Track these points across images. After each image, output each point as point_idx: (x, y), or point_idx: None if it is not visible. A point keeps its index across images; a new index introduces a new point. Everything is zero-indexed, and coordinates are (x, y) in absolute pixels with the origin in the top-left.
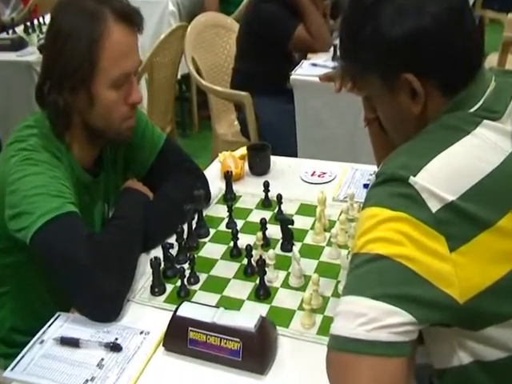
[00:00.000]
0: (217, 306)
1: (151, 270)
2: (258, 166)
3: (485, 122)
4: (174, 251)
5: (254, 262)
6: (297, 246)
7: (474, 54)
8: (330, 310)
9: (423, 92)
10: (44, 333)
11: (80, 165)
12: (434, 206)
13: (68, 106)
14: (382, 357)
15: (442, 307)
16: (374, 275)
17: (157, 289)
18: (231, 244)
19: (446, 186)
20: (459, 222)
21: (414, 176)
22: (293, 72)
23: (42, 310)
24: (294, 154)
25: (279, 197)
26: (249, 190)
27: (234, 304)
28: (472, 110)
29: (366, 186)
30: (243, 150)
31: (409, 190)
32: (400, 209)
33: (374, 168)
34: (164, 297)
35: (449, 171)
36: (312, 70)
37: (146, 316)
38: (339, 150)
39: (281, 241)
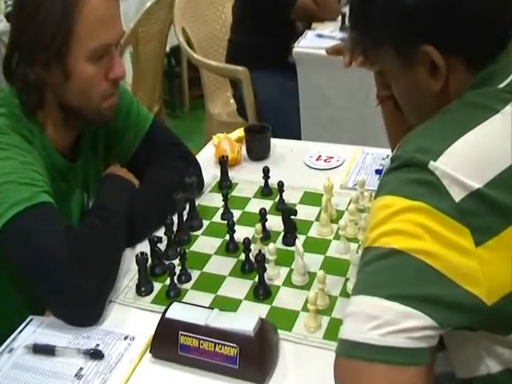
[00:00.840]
0: (211, 307)
1: (137, 267)
2: (257, 150)
3: None
4: (162, 246)
5: (252, 258)
6: (300, 240)
7: (505, 21)
8: (338, 311)
9: (445, 66)
10: (14, 340)
11: (55, 148)
12: (457, 195)
13: (40, 80)
14: (397, 365)
15: (466, 309)
16: (389, 272)
17: (143, 288)
18: (227, 237)
19: (471, 171)
20: (486, 212)
21: (434, 160)
22: (295, 44)
23: (12, 313)
24: (296, 136)
25: (280, 184)
26: (246, 177)
27: (230, 304)
28: (501, 85)
29: (378, 171)
30: (240, 132)
31: (428, 177)
32: (418, 198)
33: (387, 151)
34: (151, 297)
35: (474, 155)
36: (317, 41)
37: (130, 319)
38: (348, 131)
39: (282, 233)
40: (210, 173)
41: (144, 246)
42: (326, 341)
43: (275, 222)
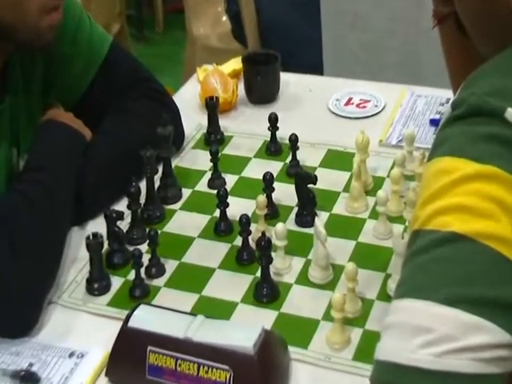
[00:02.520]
0: (193, 313)
1: (88, 255)
2: (261, 89)
3: None
4: (124, 224)
5: (252, 243)
6: (322, 219)
7: None
8: (375, 320)
9: None
10: None
11: None
12: None
13: None
14: None
15: None
16: (447, 267)
17: (96, 284)
18: (216, 214)
19: None
20: None
21: None
22: None
23: None
24: (317, 70)
25: (294, 139)
26: (245, 128)
27: (220, 309)
28: None
29: (434, 122)
30: (236, 63)
31: (505, 131)
32: (490, 160)
33: (447, 94)
34: (108, 297)
35: None
36: None
37: (78, 328)
38: (390, 64)
39: (296, 209)
40: (193, 121)
41: (98, 225)
42: (356, 363)
43: (286, 193)
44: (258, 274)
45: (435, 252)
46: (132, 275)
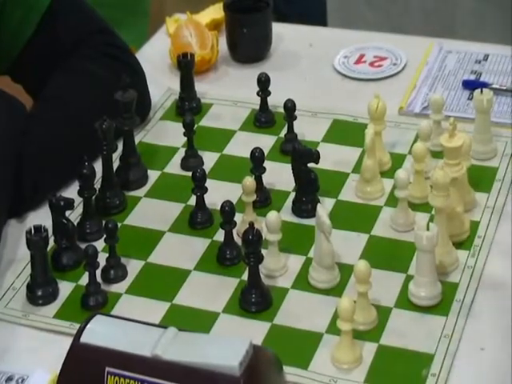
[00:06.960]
0: (162, 325)
1: (29, 254)
2: (247, 44)
3: None
4: (75, 215)
5: (238, 238)
6: (326, 206)
7: None
8: (393, 333)
9: None
10: None
11: None
12: None
13: None
14: None
15: None
16: None
17: (40, 291)
18: (192, 201)
19: None
20: None
21: None
22: None
23: None
24: (318, 19)
25: (290, 106)
26: (228, 93)
27: (197, 321)
28: None
29: (468, 84)
30: (216, 12)
31: None
32: None
33: (484, 49)
34: (55, 307)
35: None
36: None
37: (18, 346)
38: (413, 10)
39: (293, 195)
40: (162, 85)
41: (42, 216)
42: None
43: (280, 175)
44: (245, 276)
45: None
46: (85, 279)
